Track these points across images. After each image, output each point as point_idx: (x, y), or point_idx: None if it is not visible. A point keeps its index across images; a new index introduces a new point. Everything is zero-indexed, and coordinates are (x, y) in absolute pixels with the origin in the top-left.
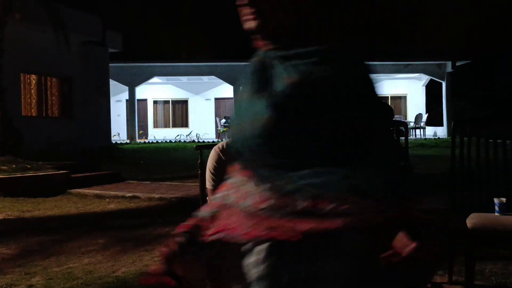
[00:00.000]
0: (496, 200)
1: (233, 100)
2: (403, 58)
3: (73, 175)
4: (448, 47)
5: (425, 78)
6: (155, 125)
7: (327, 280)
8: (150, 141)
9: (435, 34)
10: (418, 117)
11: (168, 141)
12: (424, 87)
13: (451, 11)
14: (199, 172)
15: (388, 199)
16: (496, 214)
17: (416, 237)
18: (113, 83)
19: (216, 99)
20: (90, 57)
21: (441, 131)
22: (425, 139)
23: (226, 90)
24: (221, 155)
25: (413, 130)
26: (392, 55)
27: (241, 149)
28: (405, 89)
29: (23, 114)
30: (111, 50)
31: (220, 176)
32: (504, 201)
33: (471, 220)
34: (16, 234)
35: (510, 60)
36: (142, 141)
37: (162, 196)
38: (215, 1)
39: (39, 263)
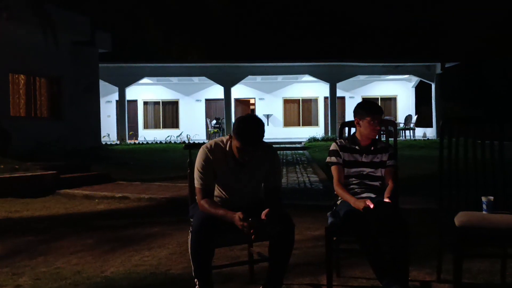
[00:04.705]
0: (483, 199)
1: (223, 101)
2: (393, 60)
3: (62, 176)
4: (437, 49)
5: (414, 80)
6: (145, 126)
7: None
8: (140, 142)
9: (425, 35)
10: (408, 118)
11: (158, 142)
12: (414, 89)
13: (440, 14)
14: (188, 171)
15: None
16: (483, 212)
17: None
18: (103, 84)
19: (206, 100)
20: (79, 57)
21: (430, 132)
22: (415, 140)
23: (216, 91)
24: (208, 154)
25: (403, 131)
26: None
27: None
28: (395, 90)
29: (11, 114)
30: (100, 51)
31: (208, 175)
32: (492, 200)
33: (459, 218)
34: (4, 234)
35: (498, 62)
36: (132, 142)
37: (152, 196)
38: (206, 2)
39: (27, 263)
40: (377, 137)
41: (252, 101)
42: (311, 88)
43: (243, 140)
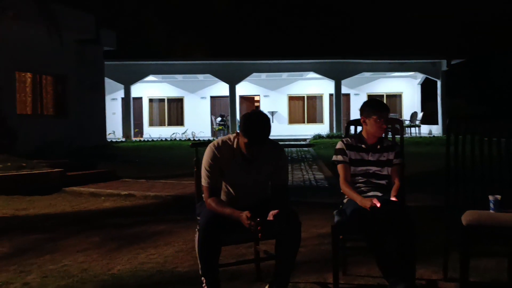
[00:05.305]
0: (491, 198)
1: (228, 98)
2: (398, 57)
3: (68, 173)
4: (443, 46)
5: (420, 77)
6: (151, 123)
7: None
8: (146, 139)
9: (430, 32)
10: (414, 115)
11: (163, 139)
12: (419, 86)
13: (446, 10)
14: (195, 169)
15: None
16: (490, 211)
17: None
18: (108, 81)
19: (211, 97)
20: (84, 55)
21: (436, 129)
22: (420, 137)
23: (221, 88)
24: (216, 152)
25: (409, 128)
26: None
27: None
28: (401, 87)
29: (17, 112)
30: (105, 48)
31: (215, 173)
32: (499, 199)
33: (466, 217)
34: (11, 232)
35: (504, 58)
36: (137, 139)
37: (158, 194)
38: (210, 0)
39: (34, 261)
40: (383, 135)
41: (257, 98)
42: (316, 85)
43: (250, 137)
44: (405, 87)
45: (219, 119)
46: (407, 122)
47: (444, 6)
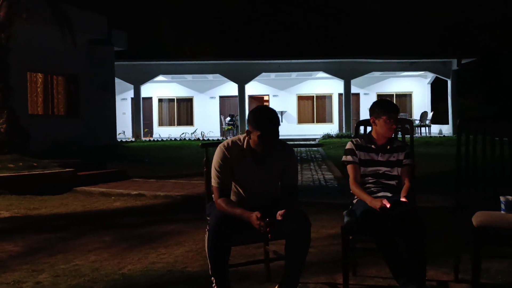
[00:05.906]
0: (502, 198)
1: (237, 98)
2: (408, 56)
3: (79, 173)
4: (453, 45)
5: (430, 76)
6: (160, 123)
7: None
8: (155, 139)
9: (440, 31)
10: (424, 115)
11: (173, 139)
12: (429, 85)
13: (457, 9)
14: (205, 170)
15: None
16: (502, 212)
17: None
18: (118, 81)
19: (220, 97)
20: (95, 55)
21: (447, 129)
22: (430, 137)
23: (230, 88)
24: (226, 153)
25: (419, 128)
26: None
27: None
28: (411, 87)
29: (29, 112)
30: (116, 49)
31: (225, 173)
32: (510, 199)
33: (477, 218)
34: (23, 231)
35: None
36: (147, 139)
37: (168, 194)
38: (220, 0)
39: (46, 261)
40: (393, 136)
41: (266, 98)
42: (325, 84)
43: (263, 128)
44: (415, 87)
45: (228, 119)
46: (417, 122)
47: (454, 5)
